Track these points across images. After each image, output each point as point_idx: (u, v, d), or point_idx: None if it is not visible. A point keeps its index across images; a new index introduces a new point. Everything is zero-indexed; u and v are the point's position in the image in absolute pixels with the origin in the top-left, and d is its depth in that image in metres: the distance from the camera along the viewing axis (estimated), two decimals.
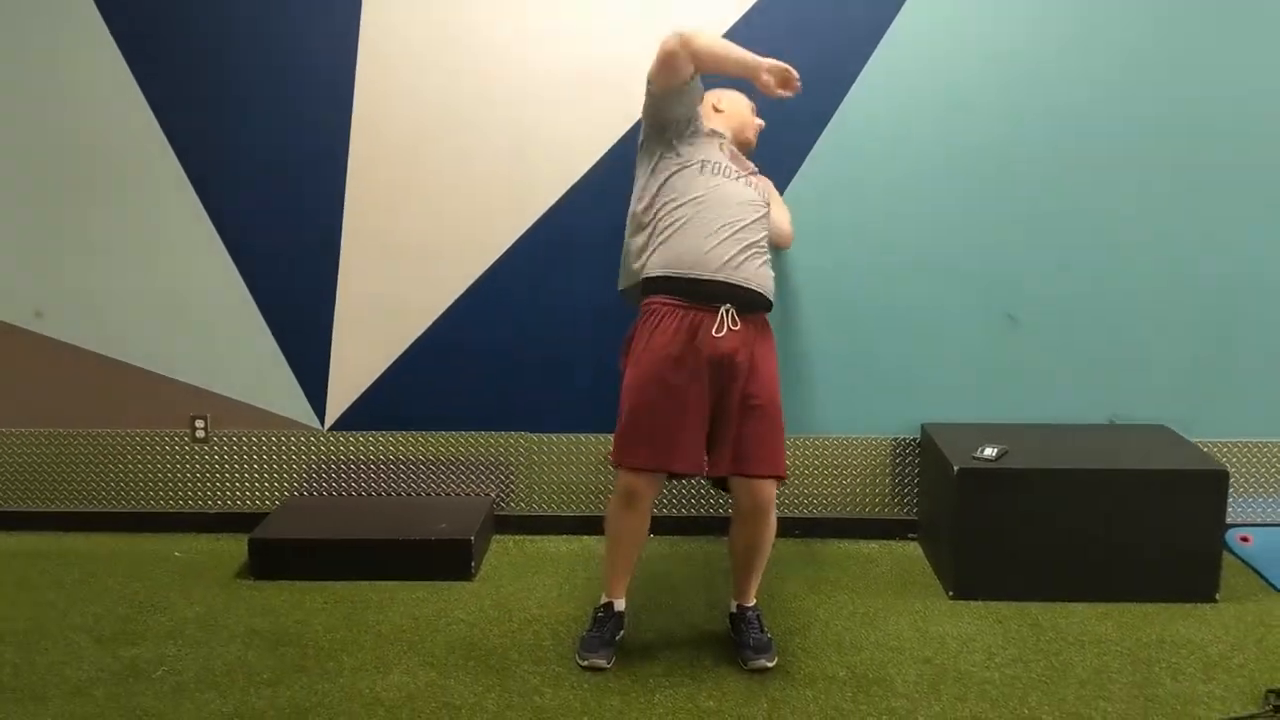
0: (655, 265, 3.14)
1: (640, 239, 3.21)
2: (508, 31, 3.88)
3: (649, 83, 3.12)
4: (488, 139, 3.95)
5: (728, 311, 3.05)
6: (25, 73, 3.95)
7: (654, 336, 3.08)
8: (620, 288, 3.35)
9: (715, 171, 3.15)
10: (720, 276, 3.05)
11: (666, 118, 3.16)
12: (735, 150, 3.32)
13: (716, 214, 3.09)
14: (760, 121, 3.49)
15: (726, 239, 3.07)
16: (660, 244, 3.13)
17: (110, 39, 3.91)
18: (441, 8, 3.87)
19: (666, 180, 3.16)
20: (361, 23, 3.89)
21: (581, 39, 3.87)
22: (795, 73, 3.10)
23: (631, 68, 3.49)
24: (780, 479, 3.16)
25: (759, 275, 3.13)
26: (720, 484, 3.25)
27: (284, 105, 3.95)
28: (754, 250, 3.12)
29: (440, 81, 3.92)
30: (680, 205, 3.12)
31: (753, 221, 3.14)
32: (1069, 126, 3.89)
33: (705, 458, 3.10)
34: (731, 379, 3.06)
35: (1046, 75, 3.87)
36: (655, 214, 3.17)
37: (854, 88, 3.88)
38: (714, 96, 3.42)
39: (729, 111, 3.42)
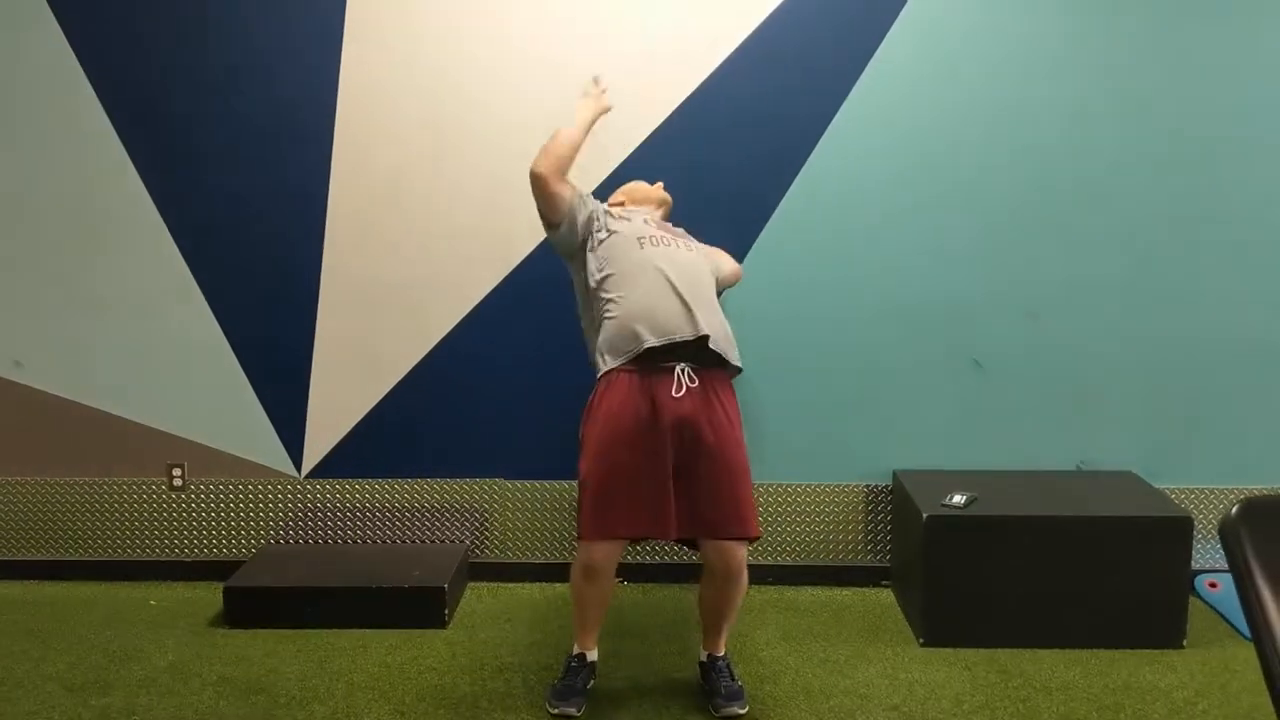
0: (605, 343, 3.14)
1: (592, 325, 3.25)
2: (487, 80, 3.95)
3: (545, 226, 3.32)
4: (466, 188, 4.01)
5: (684, 371, 3.06)
6: (3, 123, 4.01)
7: (612, 407, 3.05)
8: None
9: (650, 243, 3.20)
10: (671, 336, 3.06)
11: (573, 245, 3.27)
12: (660, 220, 3.43)
13: (657, 279, 3.11)
14: (660, 183, 3.61)
15: (673, 299, 3.09)
16: (608, 319, 3.14)
17: (90, 89, 3.97)
18: (420, 57, 3.94)
19: (601, 260, 3.21)
20: (340, 72, 3.96)
21: (558, 90, 3.90)
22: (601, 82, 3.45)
23: (606, 120, 3.54)
24: (751, 539, 3.13)
25: (712, 325, 3.11)
26: (688, 542, 3.25)
27: (263, 154, 4.00)
28: (703, 305, 3.13)
29: (419, 130, 3.98)
30: (620, 278, 3.15)
31: (697, 278, 3.19)
32: (1037, 177, 3.97)
33: (673, 523, 3.04)
34: (695, 440, 3.03)
35: (1014, 126, 3.94)
36: (599, 295, 3.19)
37: (822, 140, 3.95)
38: (615, 199, 3.53)
39: (631, 198, 3.53)
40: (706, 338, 3.07)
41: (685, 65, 3.91)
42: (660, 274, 3.12)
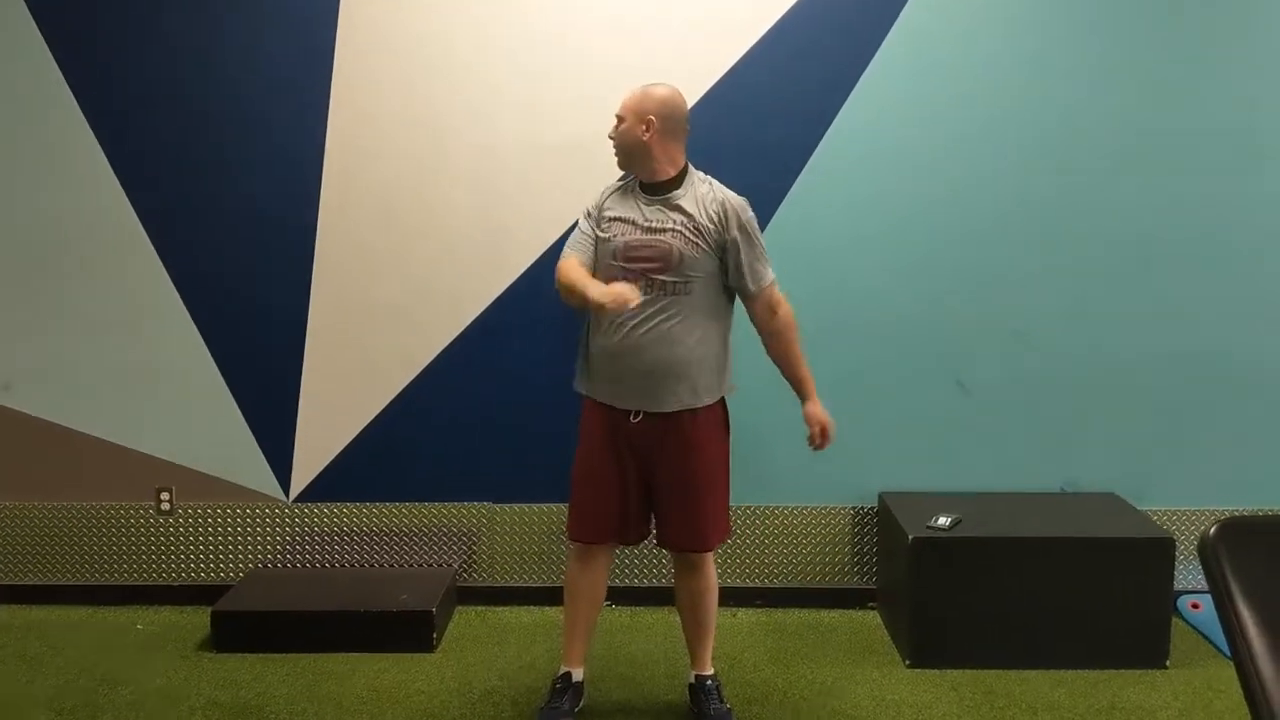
0: (581, 378, 3.24)
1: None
2: (480, 101, 3.98)
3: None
4: (455, 213, 4.03)
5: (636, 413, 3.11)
6: None
7: (588, 424, 3.21)
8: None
9: (617, 261, 3.09)
10: (622, 404, 3.11)
11: None
12: (643, 207, 3.12)
13: (627, 337, 3.06)
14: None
15: (640, 369, 3.06)
16: (582, 354, 3.23)
17: (80, 114, 3.99)
18: (413, 78, 3.97)
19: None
20: (332, 92, 3.98)
21: (554, 110, 3.97)
22: (628, 295, 2.92)
23: (602, 141, 3.56)
24: (704, 551, 3.21)
25: (688, 397, 3.08)
26: None
27: (252, 179, 4.02)
28: (684, 369, 3.06)
29: (409, 155, 4.01)
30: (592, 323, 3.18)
31: (672, 336, 3.05)
32: (1024, 197, 4.01)
33: (633, 531, 3.22)
34: (657, 459, 3.12)
35: (1002, 145, 3.99)
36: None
37: (808, 164, 3.99)
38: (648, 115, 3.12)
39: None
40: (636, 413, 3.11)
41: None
42: (627, 321, 3.05)
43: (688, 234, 3.03)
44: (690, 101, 3.86)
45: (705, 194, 3.09)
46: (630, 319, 3.02)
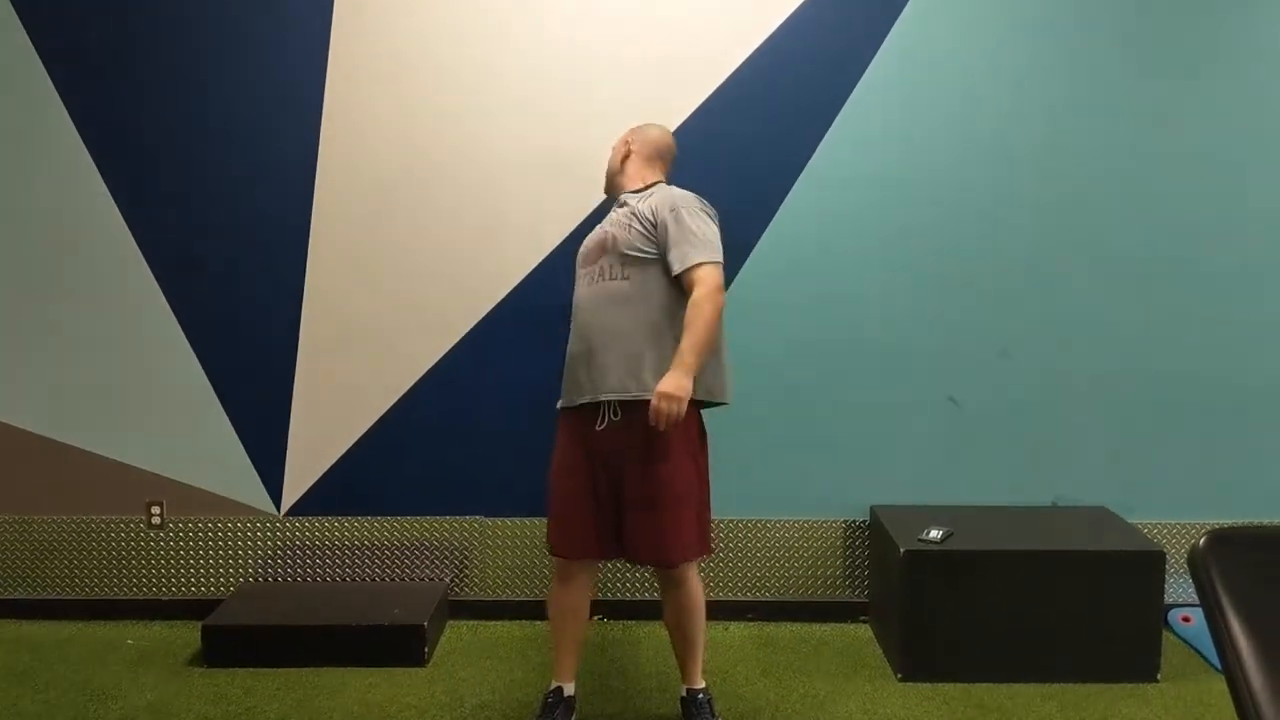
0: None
1: None
2: (471, 117, 3.99)
3: None
4: (446, 226, 4.04)
5: (609, 405, 3.10)
6: None
7: (560, 438, 3.24)
8: None
9: (584, 264, 3.26)
10: (589, 398, 3.12)
11: None
12: (620, 206, 3.28)
13: (576, 321, 3.23)
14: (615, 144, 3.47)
15: (580, 344, 3.17)
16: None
17: (73, 128, 3.99)
18: (406, 94, 3.98)
19: None
20: (325, 108, 3.99)
21: (545, 126, 3.98)
22: None
23: (594, 156, 3.59)
24: (669, 566, 3.16)
25: (607, 376, 3.10)
26: None
27: (245, 192, 4.03)
28: (603, 349, 3.11)
29: (402, 169, 4.02)
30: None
31: (604, 307, 3.15)
32: (1013, 214, 4.03)
33: (609, 547, 3.19)
34: (621, 471, 3.10)
35: (991, 165, 4.01)
36: None
37: (799, 179, 4.00)
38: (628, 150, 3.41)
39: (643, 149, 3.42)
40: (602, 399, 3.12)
41: (663, 109, 3.96)
42: (577, 315, 3.24)
43: (624, 220, 3.17)
44: (685, 114, 3.93)
45: (660, 192, 3.21)
46: (583, 306, 3.19)
